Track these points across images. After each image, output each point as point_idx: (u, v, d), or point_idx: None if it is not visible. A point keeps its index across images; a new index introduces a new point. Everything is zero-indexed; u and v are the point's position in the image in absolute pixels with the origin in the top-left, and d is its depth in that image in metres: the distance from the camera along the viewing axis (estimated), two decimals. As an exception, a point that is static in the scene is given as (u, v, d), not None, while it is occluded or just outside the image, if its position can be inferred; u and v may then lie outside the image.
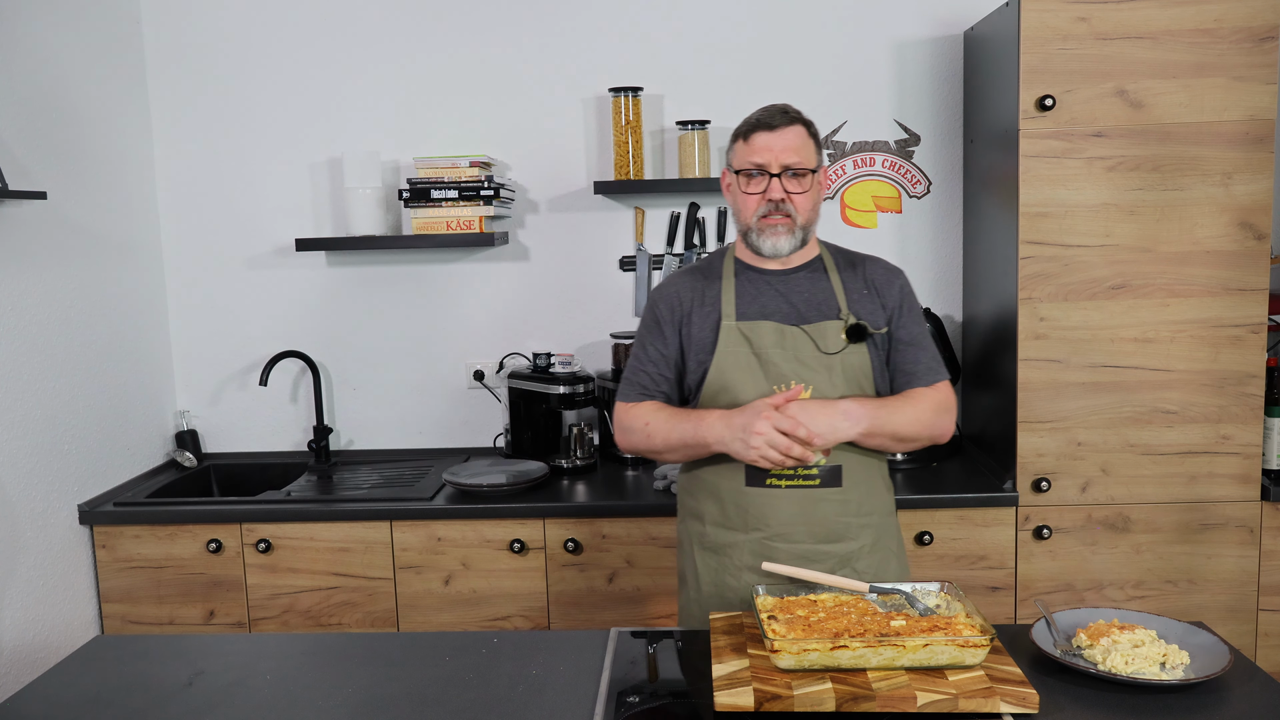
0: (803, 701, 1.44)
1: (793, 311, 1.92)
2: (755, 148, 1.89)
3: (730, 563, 1.94)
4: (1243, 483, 2.56)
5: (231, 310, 3.18)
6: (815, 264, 1.98)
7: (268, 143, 3.11)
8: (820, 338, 1.89)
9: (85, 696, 1.63)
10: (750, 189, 1.89)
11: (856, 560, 1.92)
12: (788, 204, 1.88)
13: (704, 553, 1.98)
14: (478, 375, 3.17)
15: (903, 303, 1.97)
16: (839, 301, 1.93)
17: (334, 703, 1.58)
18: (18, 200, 2.47)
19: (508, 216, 3.12)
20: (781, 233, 1.89)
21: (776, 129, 1.88)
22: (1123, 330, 2.53)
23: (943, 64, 3.01)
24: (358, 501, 2.68)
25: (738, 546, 1.93)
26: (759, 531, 1.91)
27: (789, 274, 1.96)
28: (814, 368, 1.88)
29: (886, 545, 1.98)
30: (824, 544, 1.90)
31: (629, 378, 2.02)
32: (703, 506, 1.98)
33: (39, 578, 2.53)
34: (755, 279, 1.96)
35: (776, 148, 1.87)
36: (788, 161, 1.87)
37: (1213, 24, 2.43)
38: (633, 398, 2.00)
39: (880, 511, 1.98)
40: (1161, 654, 1.58)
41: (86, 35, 2.81)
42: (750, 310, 1.93)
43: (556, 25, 3.04)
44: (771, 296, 1.94)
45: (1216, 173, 2.47)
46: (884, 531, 1.98)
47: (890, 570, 1.97)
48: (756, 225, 1.90)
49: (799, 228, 1.90)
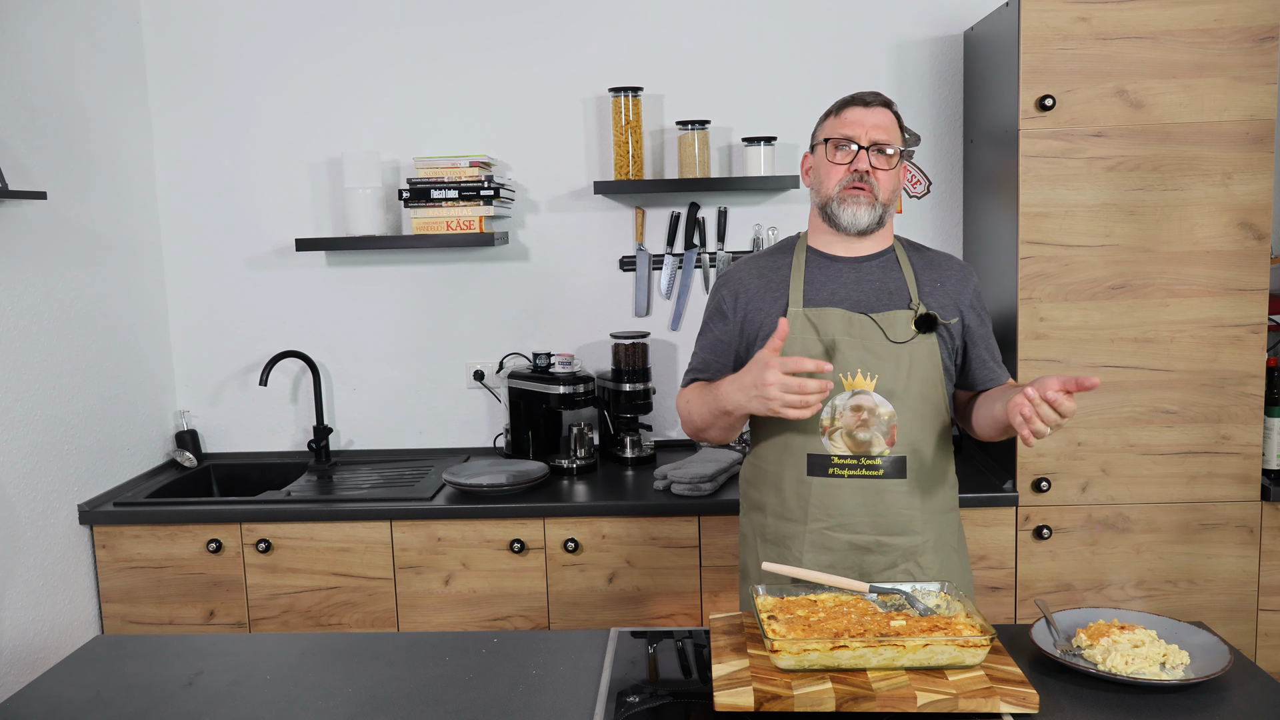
0: (803, 701, 1.44)
1: (863, 299, 1.91)
2: (847, 120, 1.90)
3: (790, 554, 1.92)
4: (1243, 483, 2.56)
5: (231, 310, 3.18)
6: (888, 254, 1.97)
7: (268, 143, 3.11)
8: (889, 326, 1.88)
9: (85, 696, 1.63)
10: (838, 159, 1.89)
11: (921, 555, 1.90)
12: (871, 178, 1.88)
13: (765, 545, 1.97)
14: (478, 375, 3.17)
15: (976, 301, 1.98)
16: (910, 291, 1.92)
17: (334, 703, 1.58)
18: (18, 200, 2.47)
19: (508, 216, 3.12)
20: (863, 203, 1.88)
21: (870, 105, 1.90)
22: (1123, 330, 2.53)
23: (943, 64, 3.01)
24: (358, 501, 2.68)
25: (796, 537, 1.91)
26: (819, 522, 1.89)
27: (861, 261, 1.95)
28: (882, 356, 1.87)
29: (949, 542, 1.96)
30: (887, 536, 1.88)
31: (691, 364, 2.03)
32: (764, 497, 1.97)
33: (39, 578, 2.53)
34: (826, 266, 1.95)
35: (868, 123, 1.88)
36: (876, 138, 1.88)
37: (1213, 24, 2.43)
38: (687, 383, 2.02)
39: (944, 507, 1.96)
40: (1161, 654, 1.58)
41: (86, 35, 2.81)
42: (819, 297, 1.92)
43: (556, 25, 3.04)
44: (841, 284, 1.93)
45: (1216, 173, 2.47)
46: (946, 529, 1.96)
47: (953, 568, 1.95)
48: (839, 195, 1.89)
49: (879, 204, 1.90)
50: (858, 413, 1.85)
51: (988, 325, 2.01)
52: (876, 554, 1.88)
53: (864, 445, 1.86)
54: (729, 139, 3.06)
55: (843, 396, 1.86)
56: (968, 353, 1.98)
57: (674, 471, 2.68)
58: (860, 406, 1.85)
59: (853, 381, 1.86)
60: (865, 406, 1.85)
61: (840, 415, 1.86)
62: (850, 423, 1.86)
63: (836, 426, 1.86)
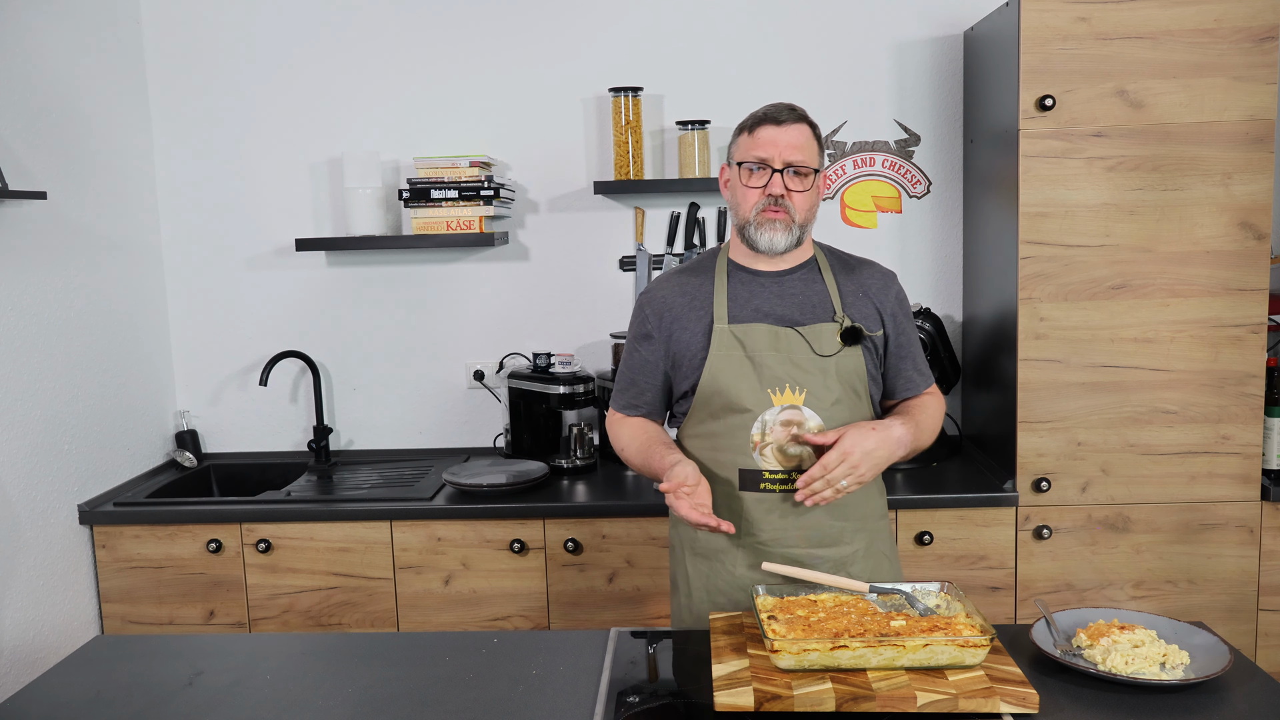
0: (803, 701, 1.44)
1: (787, 313, 1.90)
2: (760, 141, 1.87)
3: (722, 568, 1.92)
4: (1243, 483, 2.56)
5: (231, 310, 3.18)
6: (810, 265, 1.96)
7: (268, 143, 3.11)
8: (815, 340, 1.88)
9: (85, 696, 1.63)
10: (752, 183, 1.87)
11: (851, 565, 1.91)
12: (787, 200, 1.86)
13: (695, 558, 1.97)
14: (478, 375, 3.17)
15: (898, 308, 1.97)
16: (834, 303, 1.91)
17: (334, 703, 1.58)
18: (18, 200, 2.47)
19: (508, 216, 3.12)
20: (779, 228, 1.87)
21: (783, 124, 1.87)
22: (1123, 330, 2.53)
23: (943, 64, 3.01)
24: (358, 501, 2.68)
25: (729, 552, 1.92)
26: (751, 537, 1.90)
27: (783, 275, 1.94)
28: (809, 370, 1.87)
29: (879, 549, 1.97)
30: (817, 549, 1.89)
31: (619, 386, 2.03)
32: None
33: (39, 578, 2.53)
34: (748, 280, 1.94)
35: (781, 143, 1.85)
36: (791, 159, 1.85)
37: (1213, 24, 2.43)
38: (619, 408, 2.02)
39: (873, 516, 1.96)
40: (1161, 654, 1.58)
41: (86, 35, 2.81)
42: (743, 312, 1.91)
43: (556, 25, 3.04)
44: (765, 298, 1.92)
45: (1216, 173, 2.47)
46: (877, 536, 1.97)
47: (884, 574, 1.96)
48: (755, 219, 1.88)
49: (797, 225, 1.88)
50: (788, 427, 1.85)
51: (911, 331, 1.99)
52: (809, 566, 1.87)
53: (795, 460, 1.86)
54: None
55: (772, 412, 1.85)
56: (886, 361, 1.97)
57: (674, 471, 2.68)
58: (790, 421, 1.85)
59: (781, 397, 1.86)
60: (795, 421, 1.85)
61: (770, 430, 1.85)
62: (781, 438, 1.85)
63: (767, 442, 1.86)
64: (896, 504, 2.57)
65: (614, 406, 2.04)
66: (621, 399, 2.02)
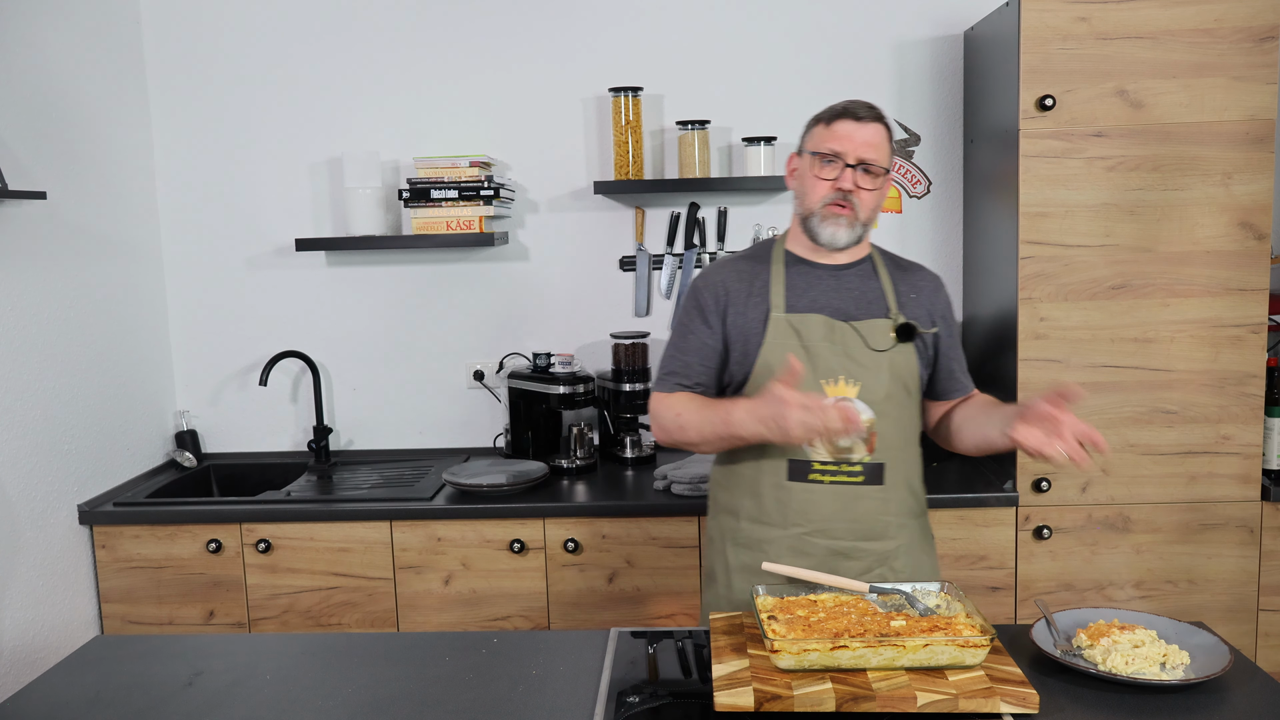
0: (803, 701, 1.44)
1: (843, 307, 1.91)
2: (836, 134, 1.86)
3: (765, 558, 1.91)
4: (1243, 483, 2.56)
5: (231, 310, 3.18)
6: (865, 263, 1.97)
7: (268, 143, 3.11)
8: (870, 335, 1.88)
9: (85, 696, 1.63)
10: (823, 174, 1.87)
11: (894, 559, 1.92)
12: (854, 196, 1.86)
13: (737, 548, 1.96)
14: (478, 375, 3.17)
15: (947, 312, 2.00)
16: (889, 301, 1.93)
17: (334, 703, 1.58)
18: (18, 200, 2.47)
19: (508, 216, 3.12)
20: (843, 224, 1.87)
21: (861, 120, 1.86)
22: (1123, 330, 2.53)
23: (943, 64, 3.01)
24: (358, 501, 2.68)
25: (774, 542, 1.91)
26: (798, 527, 1.89)
27: (841, 270, 1.95)
28: (863, 364, 1.87)
29: (922, 546, 1.99)
30: (863, 541, 1.90)
31: (666, 367, 1.99)
32: (739, 502, 1.96)
33: (39, 578, 2.53)
34: (806, 272, 1.94)
35: (857, 139, 1.85)
36: (865, 156, 1.85)
37: (1213, 24, 2.43)
38: (668, 388, 1.97)
39: (917, 511, 1.98)
40: (1162, 654, 1.58)
41: (86, 35, 2.81)
42: (800, 303, 1.91)
43: (556, 25, 3.04)
44: (822, 291, 1.92)
45: (1216, 173, 2.47)
46: (919, 532, 1.98)
47: (925, 571, 1.97)
48: (821, 212, 1.88)
49: (859, 223, 1.88)
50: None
51: (956, 335, 2.02)
52: (852, 559, 1.89)
53: (844, 452, 1.87)
54: (729, 139, 3.06)
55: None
56: (937, 362, 1.99)
57: (674, 471, 2.68)
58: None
59: (835, 388, 1.87)
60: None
61: None
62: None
63: None
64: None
65: (661, 389, 1.97)
66: (670, 380, 1.97)
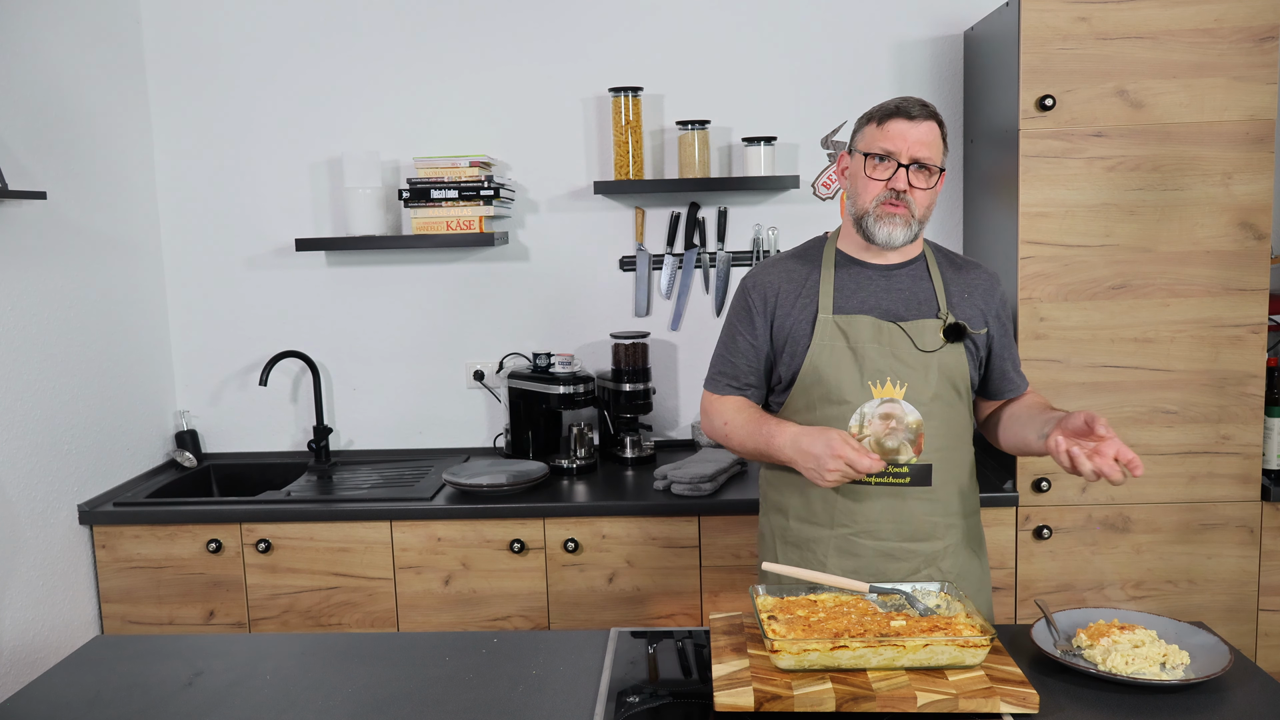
0: (803, 701, 1.44)
1: (892, 308, 1.90)
2: (890, 134, 1.84)
3: (813, 557, 1.92)
4: (1243, 483, 2.56)
5: (231, 310, 3.18)
6: (918, 262, 1.96)
7: (268, 143, 3.11)
8: (918, 335, 1.87)
9: (85, 696, 1.63)
10: (876, 174, 1.85)
11: (941, 560, 1.91)
12: (909, 196, 1.85)
13: (786, 547, 1.97)
14: (478, 375, 3.17)
15: (1002, 310, 1.98)
16: (939, 300, 1.91)
17: (334, 703, 1.58)
18: (18, 200, 2.47)
19: (508, 216, 3.12)
20: (899, 223, 1.85)
21: (914, 119, 1.84)
22: (1123, 330, 2.53)
23: (943, 64, 3.01)
24: (357, 501, 2.68)
25: (821, 541, 1.91)
26: (845, 528, 1.89)
27: (891, 270, 1.94)
28: (911, 365, 1.86)
29: (970, 546, 1.97)
30: (910, 542, 1.89)
31: (718, 367, 2.00)
32: (787, 501, 1.96)
33: (39, 578, 2.53)
34: (856, 273, 1.93)
35: (910, 138, 1.83)
36: (919, 155, 1.84)
37: (1213, 24, 2.43)
38: (720, 389, 1.99)
39: (966, 511, 1.96)
40: (1162, 654, 1.58)
41: (86, 35, 2.81)
42: (849, 304, 1.91)
43: (556, 25, 3.04)
44: (871, 291, 1.92)
45: (1216, 173, 2.47)
46: (969, 532, 1.97)
47: (973, 572, 1.96)
48: (875, 211, 1.86)
49: (915, 221, 1.87)
50: (886, 421, 1.85)
51: (1011, 333, 2.01)
52: (900, 560, 1.89)
53: (891, 453, 1.86)
54: (729, 139, 3.06)
55: (871, 404, 1.86)
56: (990, 362, 1.98)
57: (674, 471, 2.68)
58: (889, 415, 1.85)
59: (882, 390, 1.86)
60: (894, 415, 1.85)
61: (869, 423, 1.86)
62: (879, 430, 1.86)
63: (865, 434, 1.86)
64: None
65: (712, 390, 2.01)
66: (722, 381, 1.99)
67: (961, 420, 1.93)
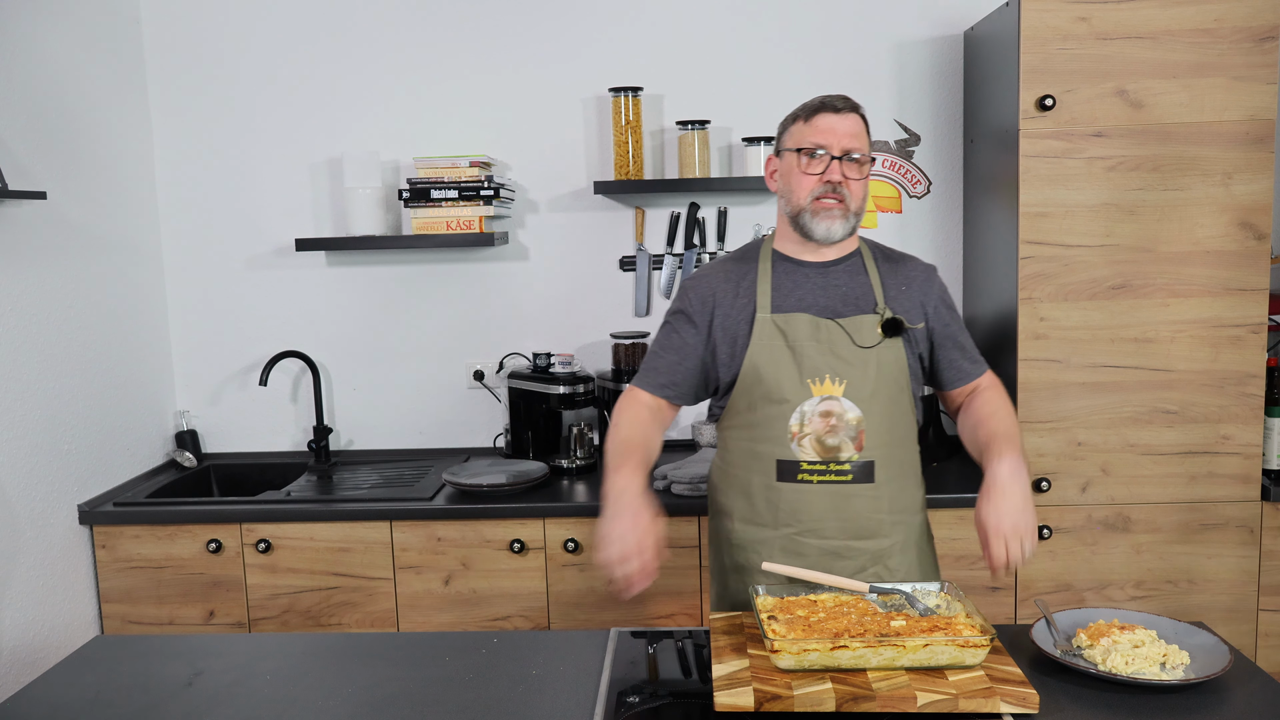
0: (803, 701, 1.44)
1: (829, 304, 1.91)
2: (818, 128, 1.86)
3: (759, 559, 1.92)
4: (1243, 483, 2.56)
5: (231, 310, 3.18)
6: (854, 258, 1.96)
7: (268, 143, 3.11)
8: (856, 331, 1.88)
9: (85, 696, 1.63)
10: (809, 169, 1.86)
11: (889, 558, 1.91)
12: (844, 188, 1.86)
13: (733, 549, 1.97)
14: (478, 375, 3.17)
15: (941, 300, 1.98)
16: (876, 295, 1.92)
17: (334, 703, 1.58)
18: (18, 200, 2.47)
19: (508, 216, 3.12)
20: (836, 216, 1.86)
21: (840, 112, 1.87)
22: (1123, 330, 2.53)
23: (943, 64, 3.01)
24: (357, 501, 2.68)
25: (767, 543, 1.92)
26: (789, 527, 1.90)
27: (828, 266, 1.94)
28: (849, 361, 1.87)
29: (919, 544, 1.97)
30: (855, 540, 1.89)
31: (648, 365, 1.99)
32: (732, 503, 1.97)
33: (39, 578, 2.53)
34: (793, 271, 1.94)
35: (839, 131, 1.85)
36: (849, 146, 1.85)
37: (1213, 24, 2.43)
38: (645, 387, 1.97)
39: (912, 509, 1.96)
40: (1162, 654, 1.58)
41: (86, 35, 2.81)
42: (786, 302, 1.91)
43: (556, 25, 3.04)
44: (809, 289, 1.92)
45: (1216, 173, 2.47)
46: (916, 530, 1.97)
47: (923, 569, 1.96)
48: (811, 207, 1.87)
49: (852, 214, 1.88)
50: (826, 418, 1.86)
51: (957, 321, 2.00)
52: (846, 559, 1.89)
53: (833, 451, 1.86)
54: (729, 139, 3.06)
55: (811, 402, 1.86)
56: (936, 353, 1.98)
57: (674, 471, 2.68)
58: (829, 412, 1.85)
59: (821, 387, 1.86)
60: (834, 412, 1.85)
61: (809, 421, 1.86)
62: (819, 428, 1.86)
63: (805, 432, 1.86)
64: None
65: (639, 384, 1.98)
66: (650, 377, 1.97)
67: (904, 416, 1.93)
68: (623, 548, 1.64)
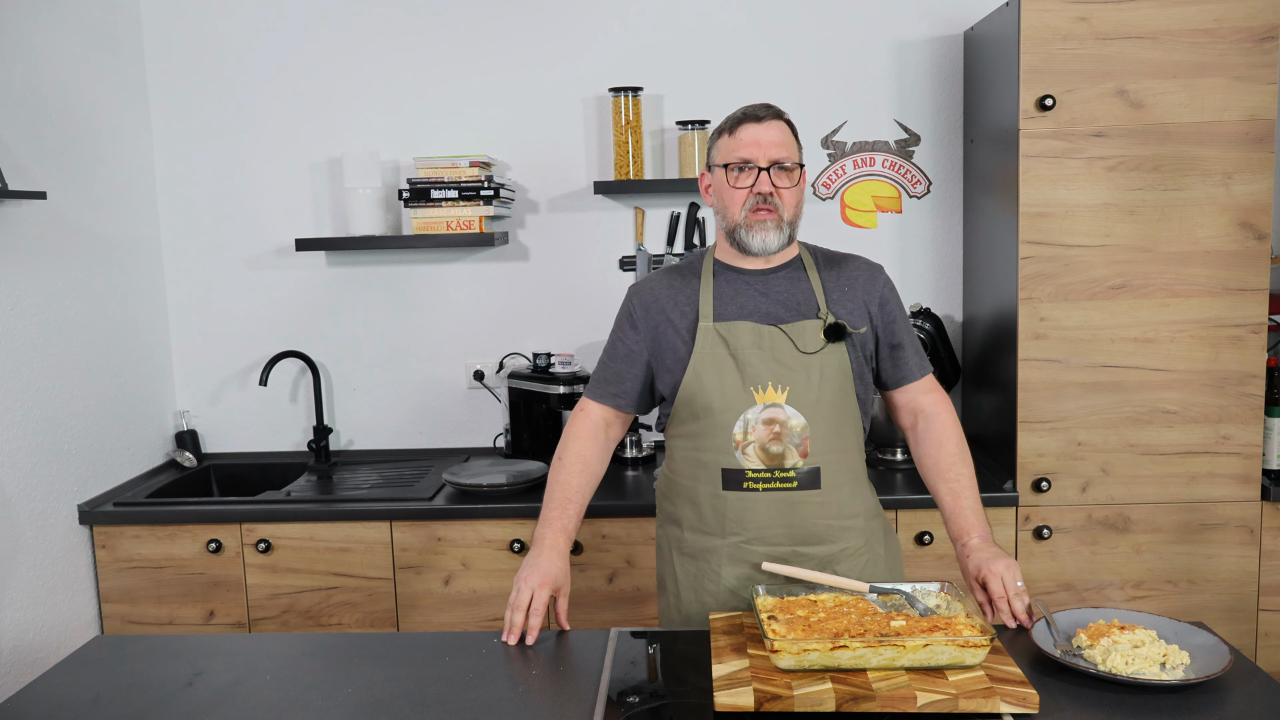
0: (803, 701, 1.44)
1: (771, 311, 1.90)
2: (743, 141, 1.86)
3: (708, 568, 1.92)
4: (1243, 483, 2.56)
5: (231, 310, 3.18)
6: (795, 264, 1.95)
7: (268, 143, 3.12)
8: (799, 337, 1.87)
9: (85, 696, 1.63)
10: (739, 183, 1.86)
11: (838, 564, 1.89)
12: (775, 198, 1.85)
13: (682, 558, 1.96)
14: (478, 375, 3.17)
15: (885, 300, 1.95)
16: (818, 300, 1.91)
17: (334, 703, 1.58)
18: (18, 200, 2.47)
19: (508, 216, 3.12)
20: (770, 228, 1.86)
21: (764, 121, 1.86)
22: (1123, 330, 2.53)
23: (943, 64, 3.01)
24: (358, 501, 2.68)
25: (715, 551, 1.91)
26: (736, 535, 1.89)
27: (768, 274, 1.93)
28: (792, 368, 1.86)
29: (873, 548, 1.95)
30: (804, 546, 1.88)
31: (598, 375, 2.00)
32: (680, 511, 1.96)
33: (39, 578, 2.53)
34: (734, 279, 1.93)
35: (765, 141, 1.85)
36: (775, 156, 1.85)
37: (1213, 24, 2.43)
38: (595, 397, 2.00)
39: (864, 514, 1.94)
40: (1162, 654, 1.58)
41: (86, 35, 2.81)
42: (728, 311, 1.90)
43: (557, 25, 3.04)
44: (750, 296, 1.91)
45: (1216, 173, 2.47)
46: (870, 534, 1.95)
47: (878, 572, 1.94)
48: (745, 221, 1.87)
49: (786, 223, 1.87)
50: (770, 426, 1.85)
51: (903, 320, 1.98)
52: (793, 564, 1.86)
53: (777, 458, 1.85)
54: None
55: (754, 410, 1.85)
56: (879, 353, 1.97)
57: (674, 471, 2.68)
58: (773, 420, 1.85)
59: (764, 395, 1.85)
60: (777, 420, 1.85)
61: (753, 429, 1.85)
62: (763, 436, 1.85)
63: (749, 440, 1.85)
64: (897, 504, 2.57)
65: (589, 394, 2.00)
66: (600, 388, 1.99)
67: (850, 421, 1.92)
68: (518, 599, 1.80)
